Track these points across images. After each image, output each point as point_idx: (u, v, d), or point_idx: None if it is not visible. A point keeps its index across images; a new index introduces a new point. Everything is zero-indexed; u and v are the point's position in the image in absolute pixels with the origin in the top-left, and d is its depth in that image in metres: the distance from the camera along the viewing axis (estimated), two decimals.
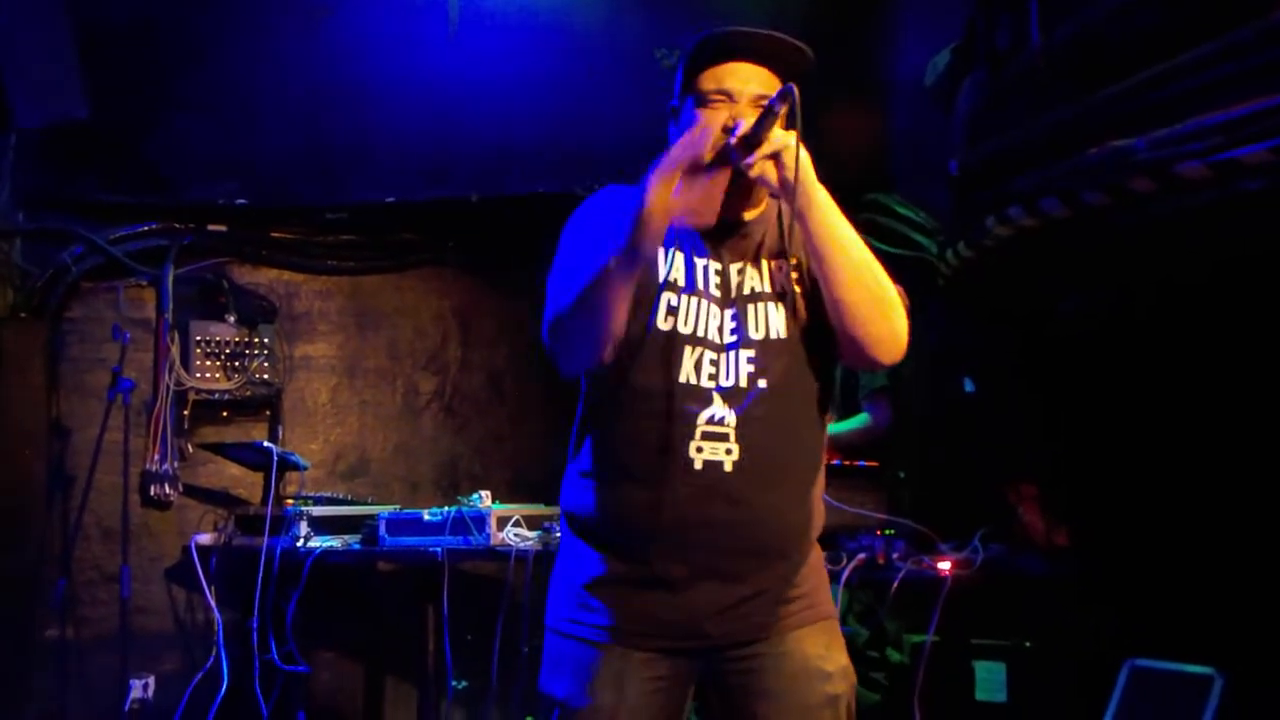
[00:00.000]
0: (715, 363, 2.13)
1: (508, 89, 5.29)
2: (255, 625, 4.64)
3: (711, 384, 2.12)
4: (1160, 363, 3.76)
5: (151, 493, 5.27)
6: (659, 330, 2.13)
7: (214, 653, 4.90)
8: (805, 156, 2.02)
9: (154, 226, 5.41)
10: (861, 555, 3.48)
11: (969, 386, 4.50)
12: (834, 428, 4.59)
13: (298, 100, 5.31)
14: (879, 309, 2.04)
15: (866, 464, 3.97)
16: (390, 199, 5.46)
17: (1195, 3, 2.96)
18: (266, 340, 5.48)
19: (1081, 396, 4.02)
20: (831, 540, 3.64)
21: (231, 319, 5.43)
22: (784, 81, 2.10)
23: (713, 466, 2.09)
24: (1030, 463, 4.08)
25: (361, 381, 5.77)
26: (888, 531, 3.66)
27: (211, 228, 5.51)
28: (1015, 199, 3.29)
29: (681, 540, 2.11)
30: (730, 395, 2.11)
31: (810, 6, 5.22)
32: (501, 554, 4.08)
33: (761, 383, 2.12)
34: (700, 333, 2.14)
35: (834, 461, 3.91)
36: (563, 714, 2.19)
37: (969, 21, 4.14)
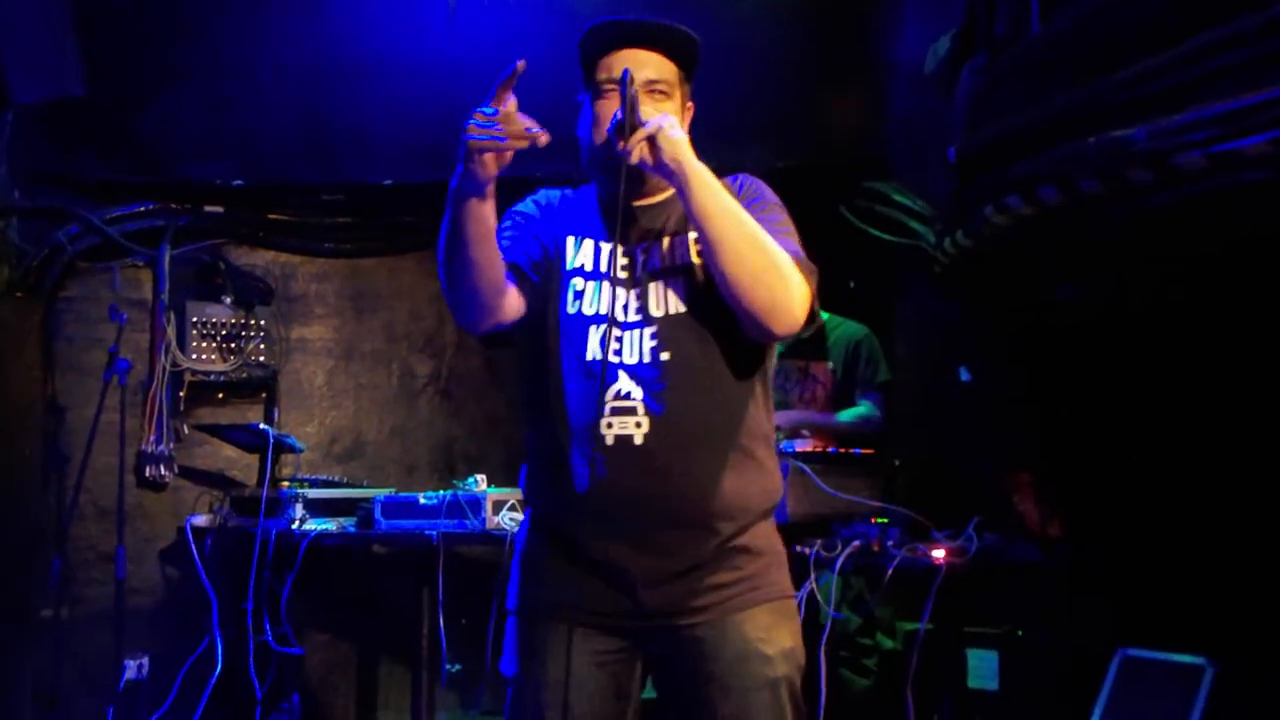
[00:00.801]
0: (620, 339, 2.20)
1: (504, 70, 5.26)
2: (250, 607, 4.65)
3: (617, 360, 2.18)
4: (1156, 352, 3.75)
5: (147, 474, 5.27)
6: (566, 315, 2.24)
7: (208, 634, 4.90)
8: (679, 136, 2.12)
9: (151, 207, 5.39)
10: (856, 542, 3.47)
11: (965, 375, 4.49)
12: (830, 417, 4.60)
13: (295, 79, 5.29)
14: (761, 278, 2.07)
15: (861, 451, 3.96)
16: (388, 181, 5.44)
17: None
18: (263, 322, 5.48)
19: (1077, 386, 4.01)
20: (826, 527, 3.64)
21: (228, 300, 5.43)
22: (678, 65, 2.26)
23: (623, 441, 2.15)
24: (1025, 452, 4.08)
25: (358, 364, 5.76)
26: (882, 519, 3.66)
27: (208, 208, 5.50)
28: (1013, 187, 3.29)
29: (604, 515, 2.16)
30: (637, 370, 2.17)
31: None
32: (496, 538, 4.08)
33: (664, 356, 2.17)
34: (604, 313, 2.21)
35: (829, 449, 3.91)
36: (514, 692, 2.26)
37: (969, 7, 4.12)
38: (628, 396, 2.16)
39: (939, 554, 3.39)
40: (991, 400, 4.39)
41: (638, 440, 2.15)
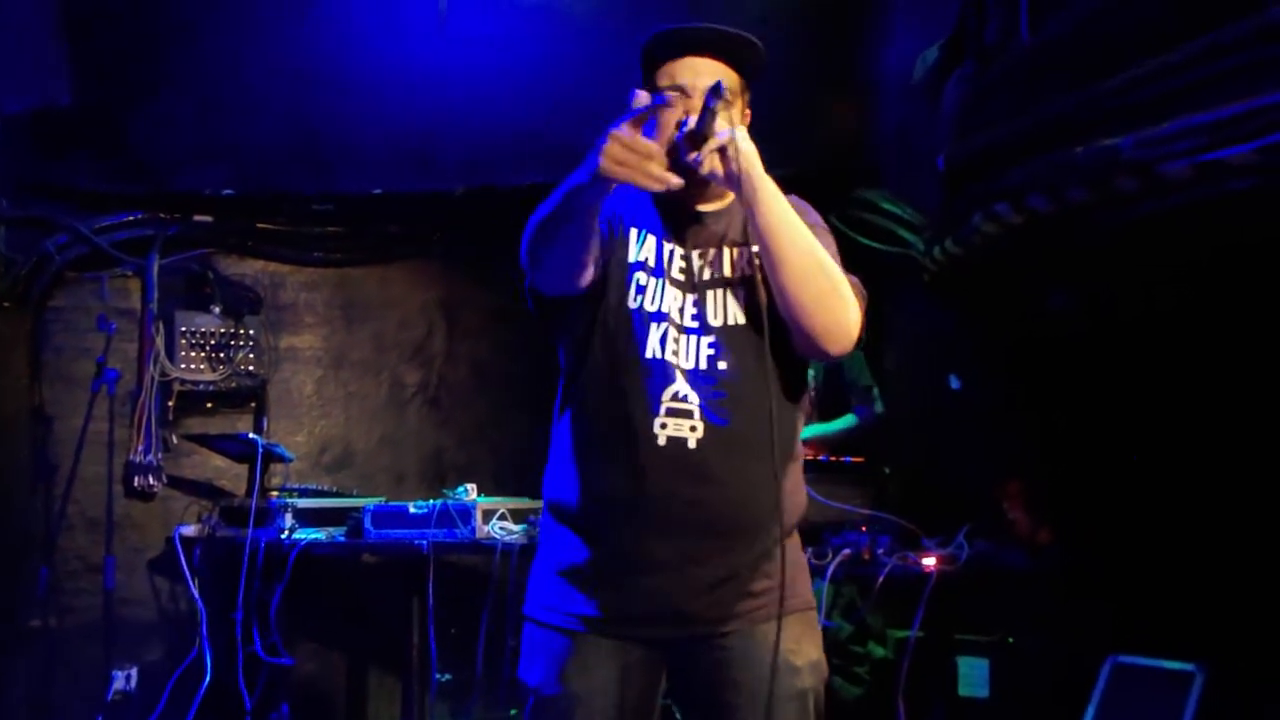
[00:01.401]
0: (679, 341, 2.18)
1: (496, 77, 5.27)
2: (239, 617, 4.64)
3: (675, 360, 2.17)
4: (1145, 360, 3.77)
5: (135, 483, 5.25)
6: (628, 307, 2.20)
7: (197, 644, 4.88)
8: (750, 148, 2.09)
9: (139, 216, 5.39)
10: (847, 550, 3.49)
11: (955, 383, 4.50)
12: (822, 427, 4.61)
13: (285, 88, 5.28)
14: (823, 301, 2.08)
15: (852, 459, 3.97)
16: (377, 190, 5.44)
17: (1183, 1, 2.97)
18: (252, 331, 5.47)
19: (1067, 394, 4.03)
20: (816, 535, 3.65)
21: (217, 310, 5.42)
22: (739, 73, 2.23)
23: (676, 443, 2.13)
24: (1015, 460, 4.09)
25: (347, 373, 5.76)
26: (873, 527, 3.67)
27: (197, 218, 5.49)
28: (1003, 195, 3.30)
29: (649, 517, 2.14)
30: (694, 375, 2.17)
31: (796, 1, 5.22)
32: (486, 547, 4.08)
33: (721, 365, 2.17)
34: (665, 312, 2.20)
35: (820, 457, 3.92)
36: (536, 702, 2.23)
37: (958, 17, 4.14)
38: (685, 399, 2.15)
39: (930, 561, 3.40)
40: (981, 408, 4.39)
41: (691, 444, 2.13)
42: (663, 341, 2.18)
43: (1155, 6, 3.04)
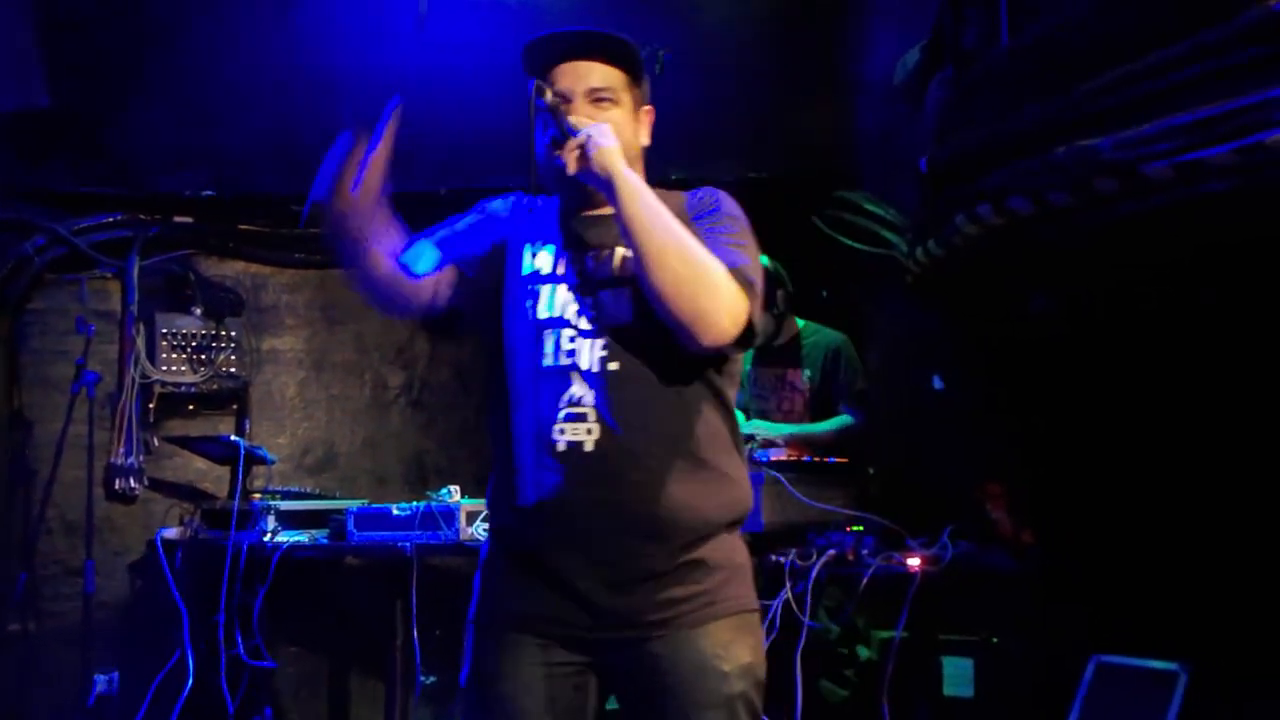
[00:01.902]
0: (576, 345, 2.20)
1: (477, 80, 5.26)
2: (221, 620, 4.62)
3: (572, 363, 2.18)
4: (1128, 362, 3.79)
5: (116, 486, 5.23)
6: (525, 318, 2.26)
7: (179, 648, 4.86)
8: (607, 143, 2.14)
9: (119, 218, 5.37)
10: (831, 551, 3.49)
11: (938, 384, 4.51)
12: (810, 427, 4.62)
13: (265, 89, 5.26)
14: (685, 288, 2.07)
15: (836, 460, 3.97)
16: None
17: (1163, 3, 2.98)
18: (234, 333, 5.45)
19: (1049, 394, 4.04)
20: (800, 536, 3.65)
21: (198, 311, 5.40)
22: (625, 71, 2.29)
23: (574, 447, 2.15)
24: (998, 460, 4.10)
25: (329, 375, 5.74)
26: (857, 528, 3.67)
27: (178, 219, 5.47)
28: (984, 197, 3.30)
29: (555, 523, 2.17)
30: (588, 378, 2.17)
31: (775, 4, 5.23)
32: (470, 549, 4.07)
33: (613, 366, 2.17)
34: (559, 316, 2.23)
35: (804, 458, 3.92)
36: (467, 701, 2.26)
37: (936, 20, 4.15)
38: (580, 402, 2.16)
39: (914, 562, 3.41)
40: (964, 409, 4.41)
41: (588, 447, 2.14)
42: (557, 347, 2.20)
43: (1134, 10, 3.05)
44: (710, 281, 2.08)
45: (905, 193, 4.30)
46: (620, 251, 2.24)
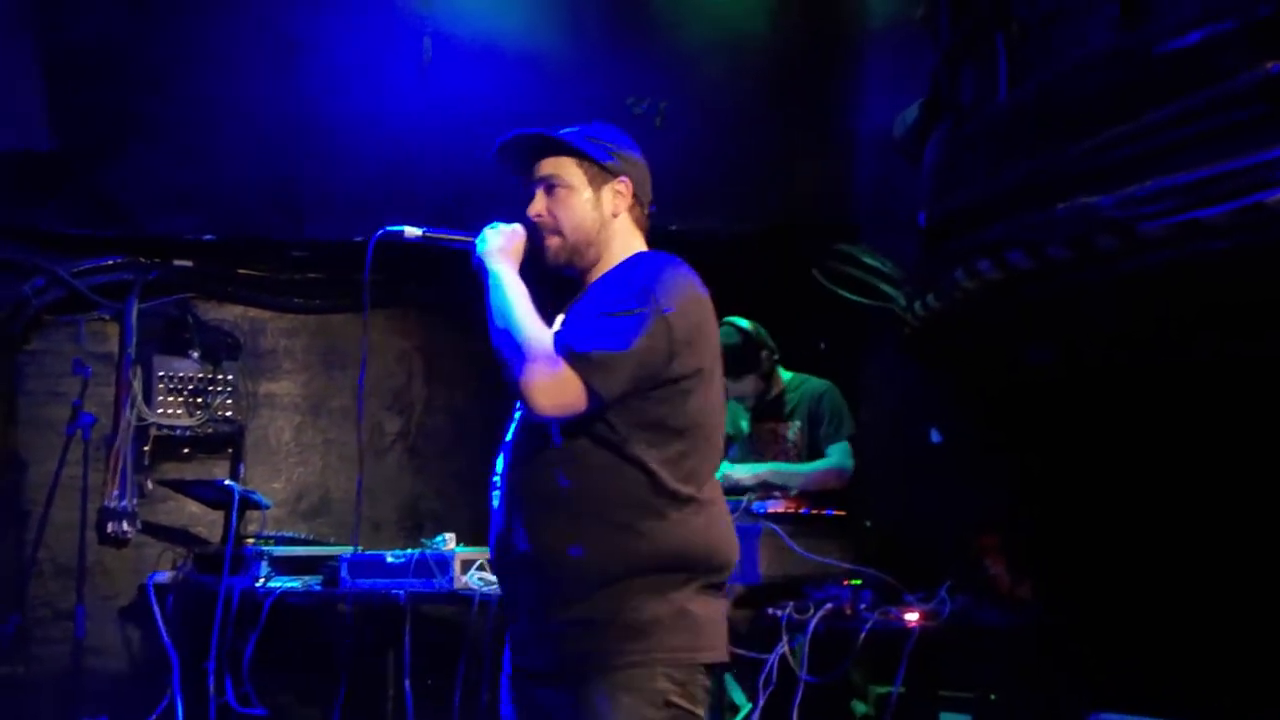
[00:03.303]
0: (511, 418, 2.50)
1: (475, 128, 5.29)
2: (212, 667, 4.57)
3: (507, 437, 2.49)
4: (1127, 415, 3.79)
5: (109, 530, 5.19)
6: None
7: (169, 694, 4.81)
8: (485, 246, 2.48)
9: (119, 260, 5.36)
10: (829, 605, 3.47)
11: (935, 437, 4.52)
12: (796, 467, 4.61)
13: (265, 134, 5.28)
14: (504, 366, 2.34)
15: (834, 513, 3.97)
16: (358, 238, 5.43)
17: (1160, 62, 3.01)
18: (230, 377, 5.44)
19: (1047, 448, 4.04)
20: (798, 590, 3.64)
21: (195, 355, 5.39)
22: (570, 156, 2.52)
23: (492, 508, 2.47)
24: (995, 513, 4.10)
25: (326, 420, 5.72)
26: (855, 581, 3.66)
27: (177, 262, 5.47)
28: (983, 252, 3.32)
29: (493, 564, 2.53)
30: (504, 447, 2.48)
31: (778, 56, 5.28)
32: (464, 597, 4.05)
33: (513, 432, 2.46)
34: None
35: (801, 510, 3.91)
36: None
37: (933, 76, 4.18)
38: (496, 470, 2.46)
39: (912, 617, 3.39)
40: (961, 462, 4.41)
41: (495, 501, 2.45)
42: (509, 424, 2.49)
43: (1130, 69, 3.08)
44: (520, 362, 2.30)
45: (903, 246, 4.32)
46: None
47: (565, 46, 5.26)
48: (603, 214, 2.52)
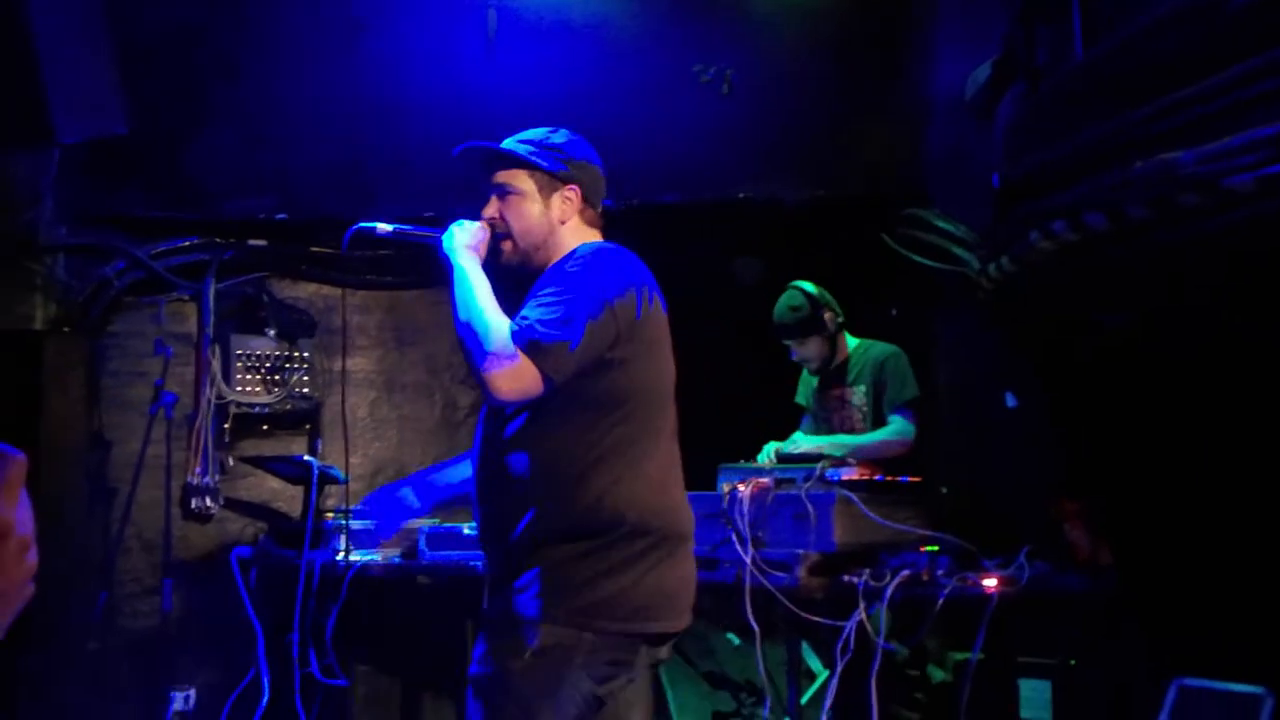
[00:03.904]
0: None
1: (543, 102, 5.30)
2: (295, 639, 4.66)
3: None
4: (1206, 374, 3.72)
5: (192, 505, 5.30)
6: None
7: (254, 666, 4.91)
8: (450, 242, 2.77)
9: (195, 241, 5.45)
10: (905, 572, 3.44)
11: (1011, 401, 4.46)
12: (860, 438, 4.59)
13: (335, 114, 5.33)
14: (466, 354, 2.60)
15: (909, 479, 3.94)
16: (428, 214, 5.47)
17: (1242, 15, 2.94)
18: (306, 354, 5.51)
19: (1125, 409, 3.98)
20: (874, 556, 3.62)
21: (271, 333, 5.46)
22: (518, 167, 2.79)
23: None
24: (1073, 478, 4.05)
25: (400, 395, 5.79)
26: (931, 548, 3.63)
27: (251, 242, 5.55)
28: (1059, 213, 3.27)
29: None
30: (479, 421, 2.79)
31: (845, 21, 5.22)
32: None
33: (481, 413, 2.77)
34: None
35: (875, 477, 3.88)
36: None
37: (1006, 36, 4.12)
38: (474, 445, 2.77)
39: (990, 583, 3.36)
40: (1038, 425, 4.36)
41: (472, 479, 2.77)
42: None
43: (1209, 24, 3.01)
44: (479, 349, 2.55)
45: (976, 209, 4.27)
46: None
47: (630, 15, 5.24)
48: (551, 219, 2.77)
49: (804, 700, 4.10)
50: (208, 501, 5.30)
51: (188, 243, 5.44)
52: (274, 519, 5.31)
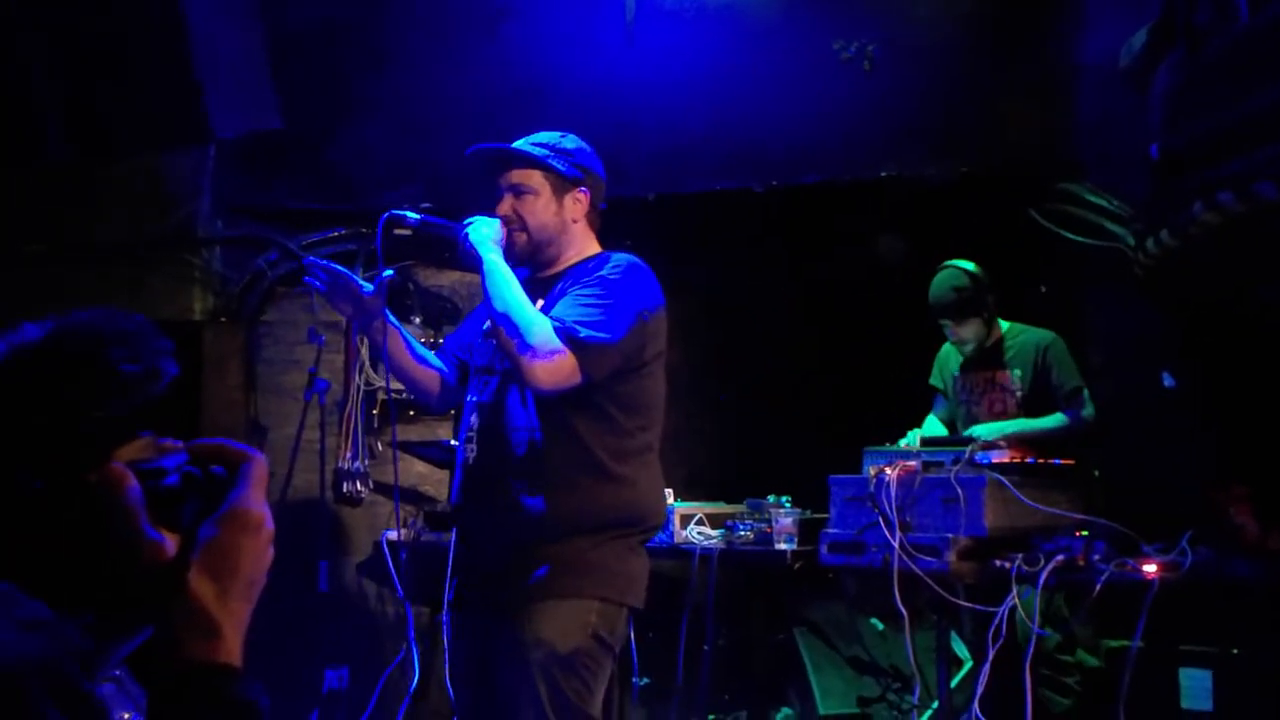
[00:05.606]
0: (485, 383, 2.93)
1: (682, 85, 5.29)
2: (446, 619, 4.74)
3: (473, 398, 2.93)
4: None
5: (344, 489, 5.44)
6: (470, 367, 3.09)
7: (405, 645, 5.03)
8: (477, 235, 2.90)
9: (343, 232, 5.58)
10: (1060, 557, 3.35)
11: (1168, 381, 4.30)
12: (1025, 423, 4.49)
13: (477, 104, 5.40)
14: (508, 347, 2.74)
15: (1061, 462, 3.83)
16: None
17: None
18: None
19: None
20: (1025, 541, 3.53)
21: (417, 320, 5.57)
22: (534, 168, 2.95)
23: (465, 460, 2.91)
24: (1239, 461, 3.88)
25: None
26: (1084, 533, 3.53)
27: (397, 232, 5.64)
28: (1226, 184, 3.14)
29: (459, 518, 3.06)
30: (478, 406, 2.90)
31: None
32: (685, 552, 4.09)
33: (488, 398, 2.88)
34: (483, 363, 3.00)
35: (1027, 460, 3.79)
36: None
37: (1164, 1, 3.95)
38: (471, 426, 2.88)
39: (1150, 569, 3.26)
40: (1198, 407, 4.19)
41: (469, 455, 2.88)
42: (476, 385, 2.94)
43: None
44: (524, 343, 2.68)
45: (1131, 182, 4.12)
46: None
47: None
48: (564, 218, 2.94)
49: (953, 685, 4.03)
50: (358, 485, 5.43)
51: (336, 233, 5.58)
52: (422, 503, 5.42)
